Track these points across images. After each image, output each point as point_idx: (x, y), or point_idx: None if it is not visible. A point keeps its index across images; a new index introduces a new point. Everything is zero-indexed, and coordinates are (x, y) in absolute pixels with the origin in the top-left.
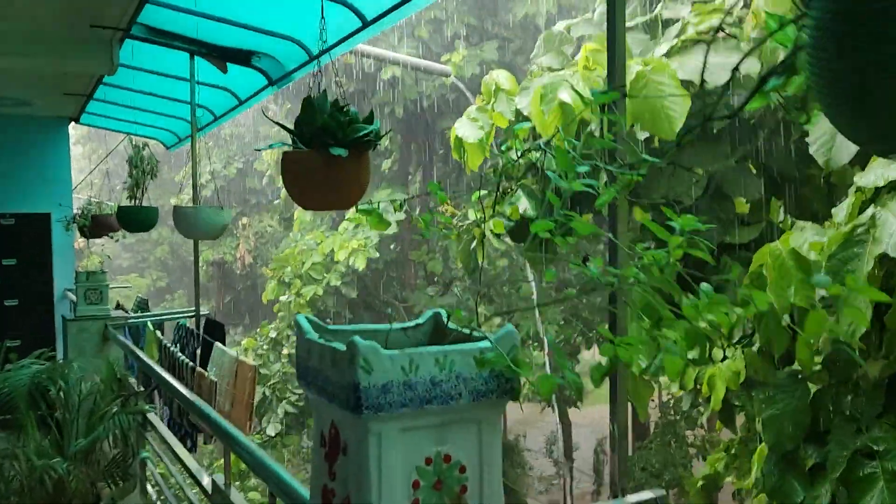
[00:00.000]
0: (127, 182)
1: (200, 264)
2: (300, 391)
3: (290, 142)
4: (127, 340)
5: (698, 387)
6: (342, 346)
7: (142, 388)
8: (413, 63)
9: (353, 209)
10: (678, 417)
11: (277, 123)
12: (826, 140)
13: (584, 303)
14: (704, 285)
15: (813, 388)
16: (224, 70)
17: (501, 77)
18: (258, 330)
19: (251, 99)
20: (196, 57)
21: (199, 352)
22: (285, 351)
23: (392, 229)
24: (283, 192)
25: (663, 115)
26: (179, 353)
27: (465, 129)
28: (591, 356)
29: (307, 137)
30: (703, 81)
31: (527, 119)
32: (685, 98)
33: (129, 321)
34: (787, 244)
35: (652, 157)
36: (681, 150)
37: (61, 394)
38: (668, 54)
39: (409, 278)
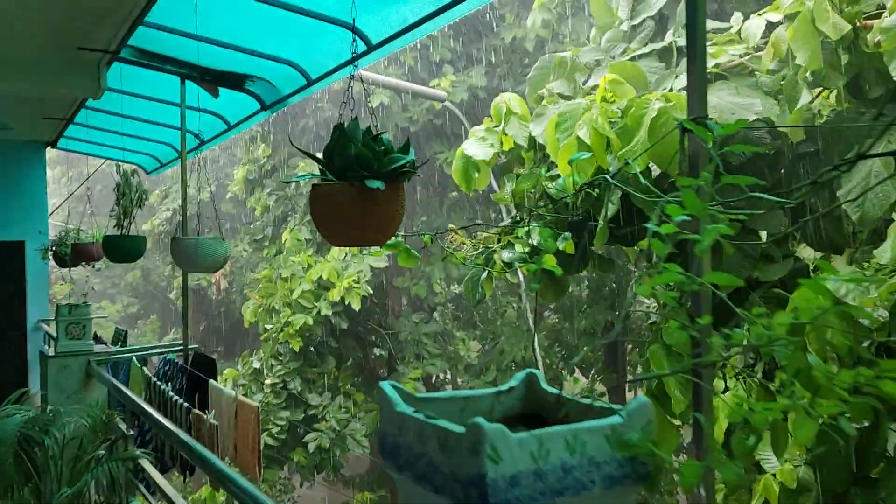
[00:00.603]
0: (114, 210)
1: (174, 291)
2: (282, 422)
3: (310, 173)
4: (111, 377)
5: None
6: (453, 426)
7: (131, 432)
8: (409, 88)
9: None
10: None
11: (305, 153)
12: (858, 194)
13: (567, 327)
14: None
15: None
16: (215, 95)
17: (512, 100)
18: (238, 359)
19: (241, 124)
20: (186, 81)
21: (186, 389)
22: (268, 381)
23: (383, 260)
24: (257, 212)
25: None
26: (172, 393)
27: (474, 147)
28: (569, 383)
29: (338, 168)
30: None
31: (538, 146)
32: (707, 139)
33: (114, 357)
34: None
35: (771, 196)
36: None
37: (45, 440)
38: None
39: (393, 304)
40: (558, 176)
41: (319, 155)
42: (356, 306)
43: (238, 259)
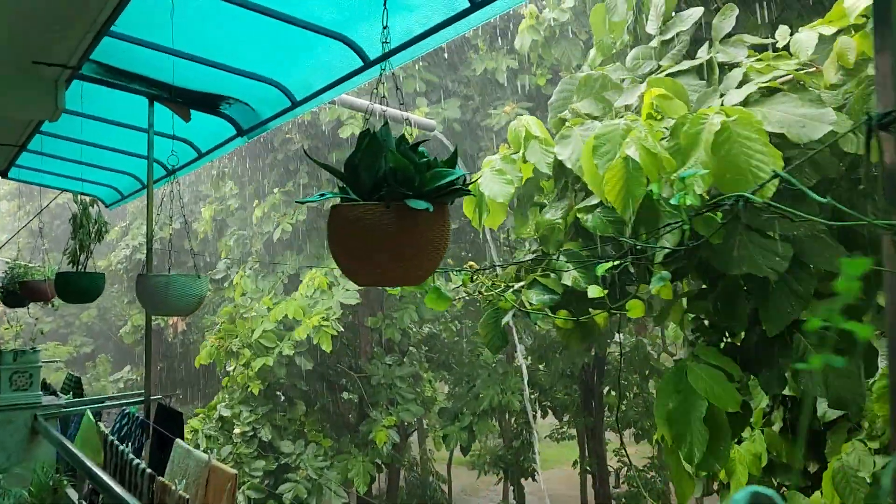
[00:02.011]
0: (69, 245)
1: (127, 329)
2: (259, 473)
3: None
4: (58, 434)
5: (712, 472)
6: None
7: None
8: (399, 116)
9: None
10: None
11: (323, 165)
12: None
13: (541, 369)
14: None
15: None
16: (187, 118)
17: (532, 123)
18: (204, 408)
19: (214, 151)
20: (155, 103)
21: (151, 449)
22: (237, 430)
23: (354, 297)
24: (222, 254)
25: (750, 175)
26: (132, 455)
27: (491, 184)
28: (543, 422)
29: (367, 185)
30: None
31: (567, 171)
32: (776, 157)
33: (66, 410)
34: None
35: None
36: (753, 213)
37: None
38: (744, 103)
39: (364, 346)
40: (596, 206)
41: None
42: (326, 348)
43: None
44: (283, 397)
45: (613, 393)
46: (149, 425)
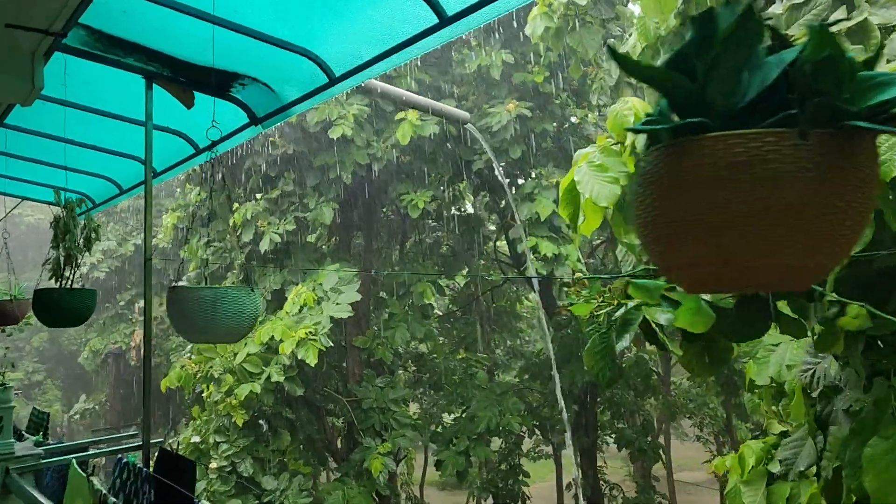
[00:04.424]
0: (51, 255)
1: (86, 355)
2: None
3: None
4: (40, 496)
5: None
6: None
7: None
8: (429, 105)
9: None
10: None
11: (637, 70)
12: None
13: (532, 388)
14: None
15: None
16: (190, 104)
17: (640, 106)
18: (179, 437)
19: (217, 144)
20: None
21: None
22: (213, 464)
23: (346, 311)
24: (191, 267)
25: None
26: None
27: (591, 183)
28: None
29: (734, 101)
30: None
31: None
32: None
33: (45, 461)
34: None
35: None
36: None
37: None
38: None
39: (353, 367)
40: None
41: None
42: (312, 361)
43: (162, 321)
44: (265, 426)
45: (609, 412)
46: (156, 479)
